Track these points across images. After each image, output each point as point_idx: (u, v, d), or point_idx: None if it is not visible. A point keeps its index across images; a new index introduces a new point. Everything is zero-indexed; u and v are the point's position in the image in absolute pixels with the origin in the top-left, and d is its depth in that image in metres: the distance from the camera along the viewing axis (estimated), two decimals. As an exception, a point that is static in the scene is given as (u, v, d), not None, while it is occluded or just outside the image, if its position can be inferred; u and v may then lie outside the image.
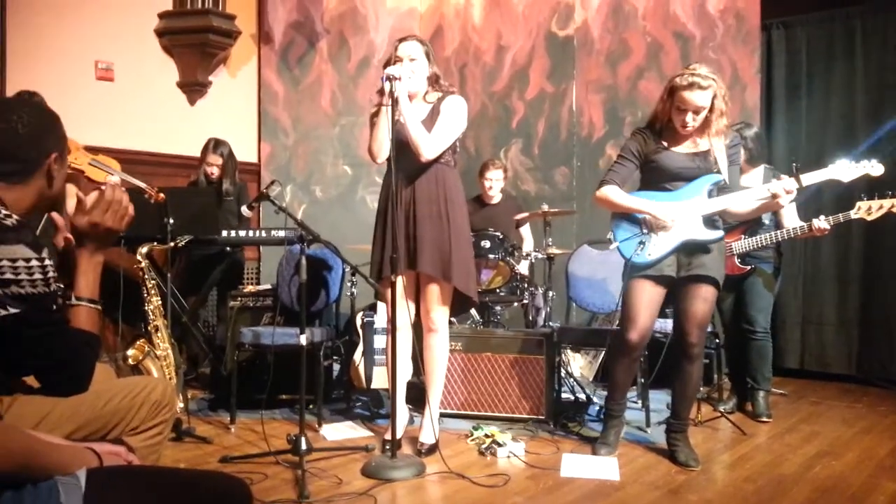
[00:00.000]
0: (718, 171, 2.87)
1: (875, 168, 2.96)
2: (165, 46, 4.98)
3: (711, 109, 2.79)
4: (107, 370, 1.98)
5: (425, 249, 3.01)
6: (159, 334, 3.44)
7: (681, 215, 2.86)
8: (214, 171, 4.40)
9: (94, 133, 4.37)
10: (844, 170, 2.93)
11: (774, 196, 2.79)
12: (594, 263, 4.24)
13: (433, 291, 3.10)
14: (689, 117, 2.80)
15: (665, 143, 2.92)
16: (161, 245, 3.50)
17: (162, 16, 4.92)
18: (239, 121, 5.37)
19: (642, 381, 3.65)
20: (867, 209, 3.31)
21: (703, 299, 2.91)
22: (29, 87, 3.62)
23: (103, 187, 3.74)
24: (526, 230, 4.77)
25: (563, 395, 3.96)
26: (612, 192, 2.96)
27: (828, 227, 3.41)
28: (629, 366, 3.08)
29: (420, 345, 3.21)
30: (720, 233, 2.92)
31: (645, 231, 2.93)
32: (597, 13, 5.12)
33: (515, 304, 4.28)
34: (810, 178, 2.88)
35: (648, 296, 2.94)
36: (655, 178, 2.95)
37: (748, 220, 3.53)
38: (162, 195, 3.49)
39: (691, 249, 2.89)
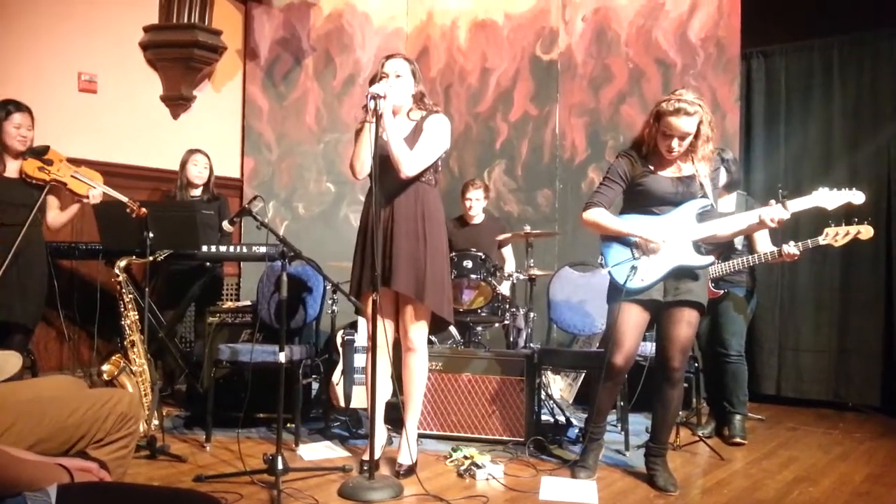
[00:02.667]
0: (704, 196, 2.90)
1: (856, 196, 3.02)
2: (150, 60, 4.96)
3: (697, 135, 2.82)
4: (75, 381, 1.95)
5: (401, 268, 3.00)
6: (135, 349, 3.39)
7: (671, 237, 2.87)
8: (202, 173, 4.38)
9: (76, 145, 4.33)
10: (828, 197, 2.99)
11: (762, 223, 2.82)
12: (575, 285, 4.26)
13: (410, 311, 3.09)
14: (675, 143, 2.82)
15: (651, 167, 2.94)
16: (140, 259, 3.46)
17: (147, 29, 4.91)
18: (222, 135, 5.35)
19: (622, 404, 3.65)
20: (834, 235, 3.37)
21: (687, 323, 2.92)
22: (11, 97, 3.60)
23: (85, 200, 3.73)
24: (508, 251, 4.77)
25: (543, 417, 3.95)
26: (601, 215, 2.97)
27: (797, 252, 3.46)
28: (612, 389, 3.08)
29: (399, 364, 3.18)
30: (710, 258, 2.94)
31: (637, 255, 2.93)
32: (580, 38, 5.19)
33: (497, 324, 4.27)
34: (796, 205, 2.93)
35: (635, 320, 2.95)
36: (642, 201, 2.96)
37: (722, 243, 3.59)
38: (144, 210, 3.46)
39: (679, 274, 2.91)
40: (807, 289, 4.88)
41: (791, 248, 3.46)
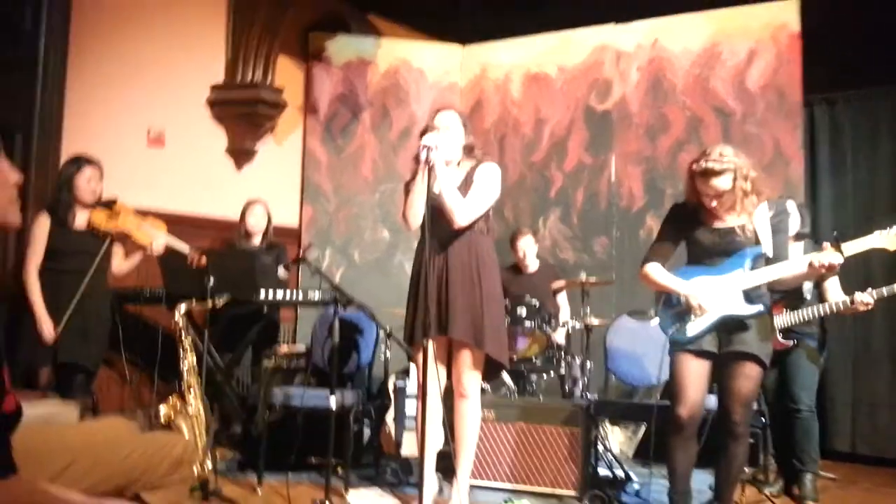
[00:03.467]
0: (758, 243, 2.82)
1: None
2: (216, 115, 5.18)
3: (734, 190, 2.77)
4: (129, 425, 1.97)
5: (457, 315, 2.99)
6: (192, 392, 3.44)
7: (713, 295, 2.81)
8: (260, 223, 4.50)
9: (144, 196, 4.50)
10: (886, 237, 2.85)
11: (813, 268, 2.73)
12: (633, 335, 4.14)
13: (465, 357, 3.06)
14: (714, 202, 2.80)
15: (699, 220, 2.91)
16: (200, 304, 3.54)
17: (214, 87, 5.14)
18: (282, 186, 5.51)
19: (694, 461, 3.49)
20: None
21: (745, 377, 2.82)
22: (83, 150, 3.79)
23: (147, 250, 3.86)
24: (563, 299, 4.71)
25: (601, 472, 3.81)
26: (653, 270, 2.97)
27: (871, 300, 3.30)
28: (685, 445, 2.92)
29: (451, 412, 3.14)
30: (759, 307, 2.83)
31: (683, 308, 2.89)
32: (635, 88, 5.19)
33: (552, 373, 4.19)
34: (852, 247, 2.81)
35: (694, 369, 2.86)
36: (695, 253, 2.95)
37: (790, 292, 3.47)
38: (204, 259, 3.56)
39: (731, 326, 2.83)
40: (882, 340, 4.64)
41: (864, 297, 3.31)
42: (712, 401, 3.27)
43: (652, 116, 5.11)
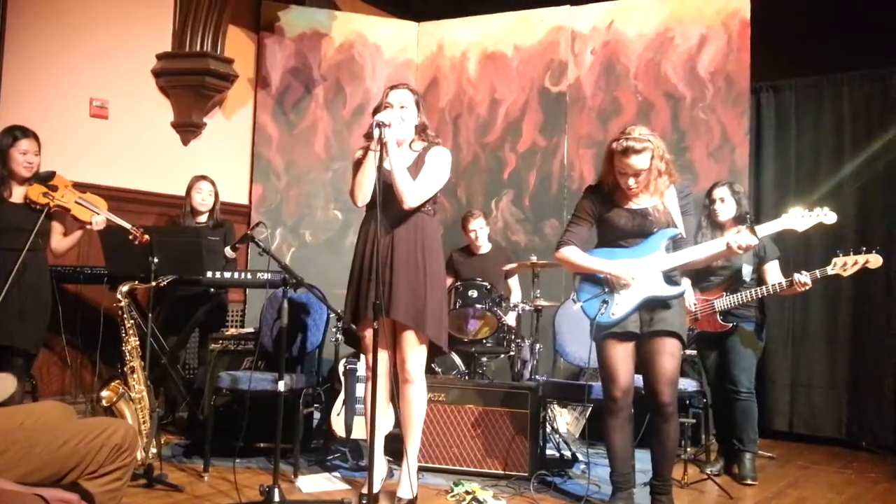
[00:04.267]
0: (671, 225, 2.88)
1: (828, 216, 2.98)
2: (162, 87, 5.00)
3: (650, 170, 2.83)
4: (66, 409, 1.91)
5: (401, 297, 2.97)
6: (135, 376, 3.37)
7: (640, 272, 2.87)
8: (206, 200, 4.39)
9: (86, 170, 4.35)
10: (798, 219, 2.96)
11: (731, 249, 2.82)
12: (582, 317, 4.16)
13: (409, 340, 3.04)
14: (632, 181, 2.86)
15: (614, 201, 2.96)
16: (143, 284, 3.45)
17: (160, 56, 4.96)
18: (231, 162, 5.38)
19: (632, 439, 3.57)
20: (843, 265, 3.34)
21: (669, 354, 2.88)
22: (23, 123, 3.62)
23: (88, 226, 3.73)
24: (514, 281, 4.74)
25: (548, 452, 3.88)
26: (572, 253, 3.00)
27: (808, 281, 3.41)
28: (622, 427, 3.00)
29: (398, 395, 3.14)
30: (681, 288, 2.92)
31: (607, 290, 2.94)
32: (589, 71, 5.20)
33: (502, 355, 4.22)
34: (765, 229, 2.93)
35: (621, 351, 2.94)
36: (610, 235, 3.00)
37: (730, 275, 3.66)
38: (147, 237, 3.46)
39: (652, 305, 2.90)
40: (819, 324, 4.81)
41: (802, 277, 3.42)
42: (639, 380, 3.34)
43: (605, 100, 5.14)
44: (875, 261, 3.30)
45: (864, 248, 3.32)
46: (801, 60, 4.98)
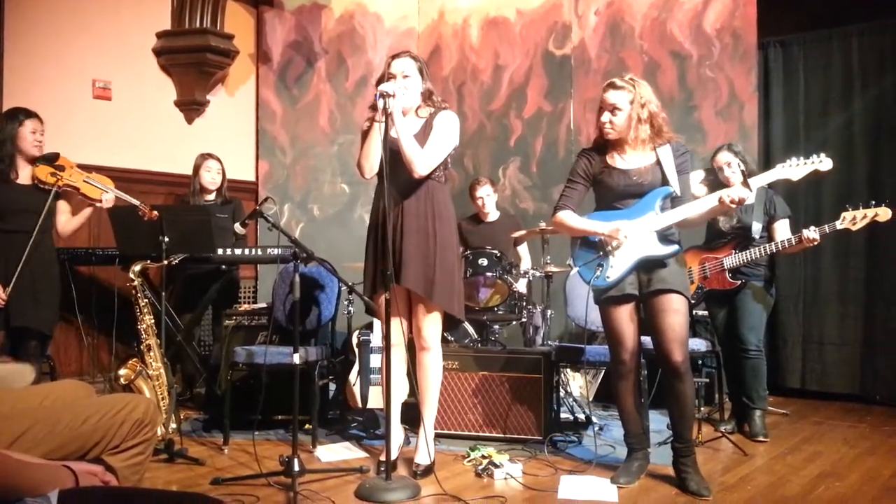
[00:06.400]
0: (665, 184, 2.85)
1: (823, 163, 2.94)
2: (163, 65, 4.98)
3: (629, 115, 2.82)
4: (86, 387, 1.93)
5: (410, 265, 2.98)
6: (152, 353, 3.40)
7: (633, 232, 2.85)
8: (215, 178, 4.40)
9: (89, 151, 4.36)
10: (792, 168, 2.92)
11: (724, 204, 2.76)
12: (592, 282, 4.19)
13: (423, 309, 3.06)
14: (605, 116, 2.86)
15: (605, 161, 2.94)
16: (155, 263, 3.47)
17: (160, 35, 4.93)
18: (236, 139, 5.37)
19: (641, 400, 3.59)
20: (852, 219, 3.31)
21: (673, 311, 2.84)
22: (26, 105, 3.62)
23: (98, 204, 3.74)
24: (524, 248, 4.73)
25: (563, 415, 3.91)
26: (567, 217, 2.99)
27: (817, 237, 3.39)
28: (632, 389, 3.02)
29: (414, 363, 3.16)
30: (675, 247, 2.88)
31: (601, 253, 2.93)
32: (594, 32, 5.13)
33: (514, 322, 4.23)
34: (759, 180, 2.90)
35: (624, 314, 2.94)
36: (605, 198, 2.98)
37: (740, 233, 3.63)
38: (155, 213, 3.48)
39: (649, 266, 2.88)
40: (830, 281, 4.79)
41: (811, 233, 3.39)
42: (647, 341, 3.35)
43: (610, 61, 5.08)
44: (884, 214, 3.28)
45: (874, 202, 3.29)
46: (808, 14, 4.88)
